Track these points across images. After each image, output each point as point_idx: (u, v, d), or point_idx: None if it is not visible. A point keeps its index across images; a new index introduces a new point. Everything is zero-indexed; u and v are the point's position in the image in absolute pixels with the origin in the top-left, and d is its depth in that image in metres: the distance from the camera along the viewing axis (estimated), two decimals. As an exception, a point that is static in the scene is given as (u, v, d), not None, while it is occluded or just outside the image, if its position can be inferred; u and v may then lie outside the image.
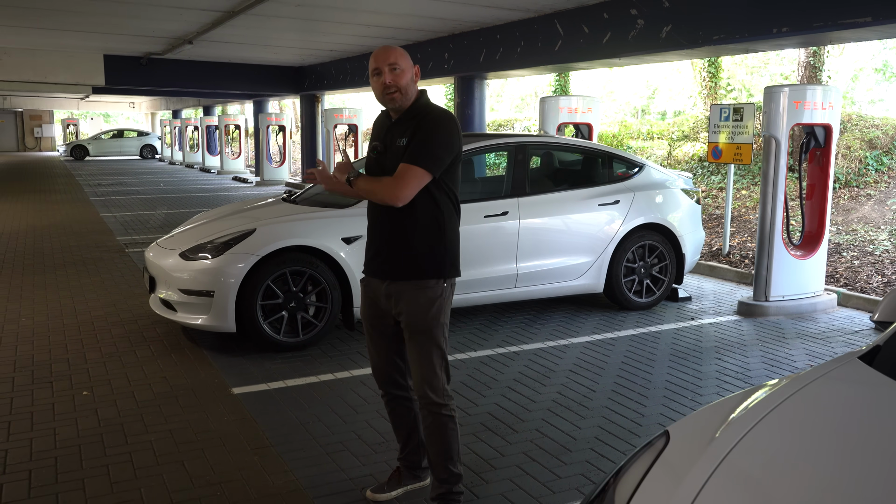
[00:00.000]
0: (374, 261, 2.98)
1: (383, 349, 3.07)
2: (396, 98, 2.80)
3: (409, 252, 2.86)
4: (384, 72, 2.78)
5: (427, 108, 2.86)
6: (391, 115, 2.92)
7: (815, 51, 11.36)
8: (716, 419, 1.81)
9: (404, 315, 2.89)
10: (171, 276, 5.27)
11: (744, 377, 4.80)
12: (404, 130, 2.83)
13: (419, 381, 2.92)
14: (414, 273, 2.87)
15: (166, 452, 3.66)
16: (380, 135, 2.96)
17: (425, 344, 2.89)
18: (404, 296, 2.88)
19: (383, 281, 2.92)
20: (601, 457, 3.64)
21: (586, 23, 8.69)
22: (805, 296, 6.48)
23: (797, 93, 6.29)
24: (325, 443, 3.78)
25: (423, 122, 2.80)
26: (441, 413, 2.92)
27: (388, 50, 2.81)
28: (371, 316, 3.04)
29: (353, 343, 5.48)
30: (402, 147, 2.81)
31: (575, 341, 5.56)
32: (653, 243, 6.44)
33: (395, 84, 2.78)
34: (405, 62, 2.81)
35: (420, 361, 2.90)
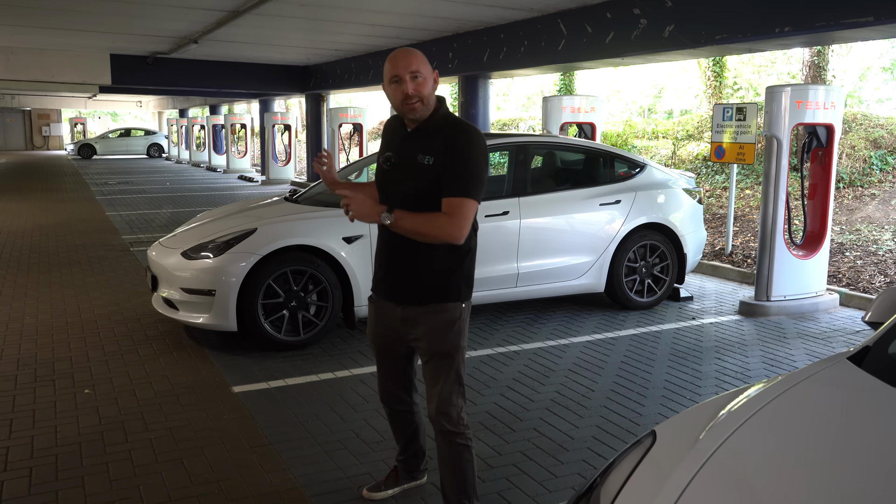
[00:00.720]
0: (386, 282, 2.78)
1: (393, 371, 2.95)
2: (418, 108, 2.57)
3: (429, 276, 2.67)
4: (405, 80, 2.54)
5: (451, 122, 2.63)
6: (406, 124, 2.69)
7: (819, 50, 11.33)
8: (702, 419, 1.82)
9: (422, 340, 2.72)
10: (173, 275, 5.30)
11: (743, 377, 4.80)
12: (427, 145, 2.59)
13: (435, 407, 2.75)
14: (433, 297, 2.68)
15: (166, 450, 3.69)
16: (393, 144, 2.73)
17: (443, 369, 2.72)
18: (422, 320, 2.70)
19: (398, 304, 2.74)
20: (598, 456, 3.65)
21: (589, 22, 8.69)
22: (807, 296, 6.47)
23: (799, 92, 6.28)
24: (324, 441, 3.80)
25: (454, 140, 2.55)
26: (456, 442, 2.75)
27: (410, 55, 2.57)
28: (381, 338, 2.89)
29: (353, 342, 5.51)
30: (426, 165, 2.57)
31: (575, 341, 5.57)
32: (654, 243, 6.44)
33: (417, 94, 2.55)
34: (427, 69, 2.59)
35: (437, 387, 2.73)
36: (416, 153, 2.61)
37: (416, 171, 2.61)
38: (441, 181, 2.56)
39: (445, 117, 2.64)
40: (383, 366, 2.96)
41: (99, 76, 15.67)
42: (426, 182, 2.59)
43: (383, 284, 2.80)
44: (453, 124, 2.62)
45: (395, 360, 2.92)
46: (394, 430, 3.13)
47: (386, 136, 2.83)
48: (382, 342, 2.89)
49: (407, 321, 2.74)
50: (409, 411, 3.05)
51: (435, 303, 2.67)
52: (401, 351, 2.87)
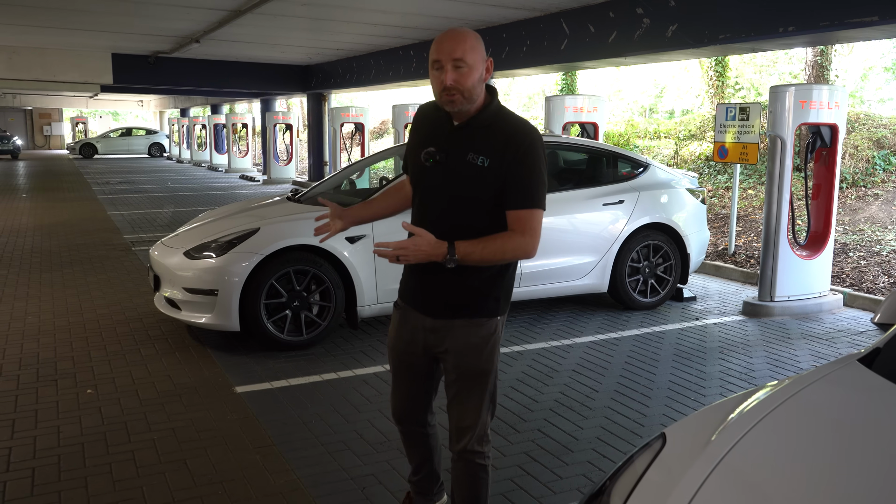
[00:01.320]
0: (416, 291, 2.49)
1: (412, 386, 2.64)
2: (457, 102, 2.24)
3: (467, 287, 2.38)
4: (446, 68, 2.21)
5: (509, 119, 2.32)
6: (452, 117, 2.35)
7: (822, 50, 11.31)
8: (713, 421, 1.80)
9: (452, 355, 2.44)
10: (176, 275, 5.28)
11: (748, 378, 4.78)
12: (480, 144, 2.29)
13: (459, 426, 2.49)
14: (469, 310, 2.40)
15: (169, 451, 3.67)
16: (435, 138, 2.38)
17: (475, 388, 2.46)
18: (453, 334, 2.41)
19: (427, 315, 2.47)
20: (602, 457, 3.64)
21: (592, 22, 8.67)
22: (810, 296, 6.45)
23: (803, 92, 6.26)
24: (327, 441, 3.78)
25: (518, 143, 2.25)
26: (475, 462, 2.52)
27: (456, 38, 2.21)
28: (404, 350, 2.58)
29: (356, 342, 5.49)
30: (479, 167, 2.27)
31: (579, 341, 5.56)
32: (657, 243, 6.42)
33: (457, 86, 2.21)
34: (475, 56, 2.22)
35: (466, 407, 2.47)
36: (465, 152, 2.30)
37: (464, 173, 2.30)
38: (500, 189, 2.28)
39: (499, 112, 2.33)
40: (401, 380, 2.65)
41: (100, 75, 15.66)
42: (476, 186, 2.30)
43: (413, 292, 2.51)
44: (512, 123, 2.32)
45: (416, 374, 2.60)
46: (407, 450, 2.82)
47: (424, 127, 2.47)
48: (404, 354, 2.59)
49: (437, 332, 2.45)
50: (425, 433, 2.74)
51: (470, 317, 2.39)
52: (423, 365, 2.57)
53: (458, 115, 2.32)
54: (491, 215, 2.33)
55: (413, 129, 2.54)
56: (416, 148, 2.43)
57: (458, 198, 2.34)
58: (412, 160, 2.47)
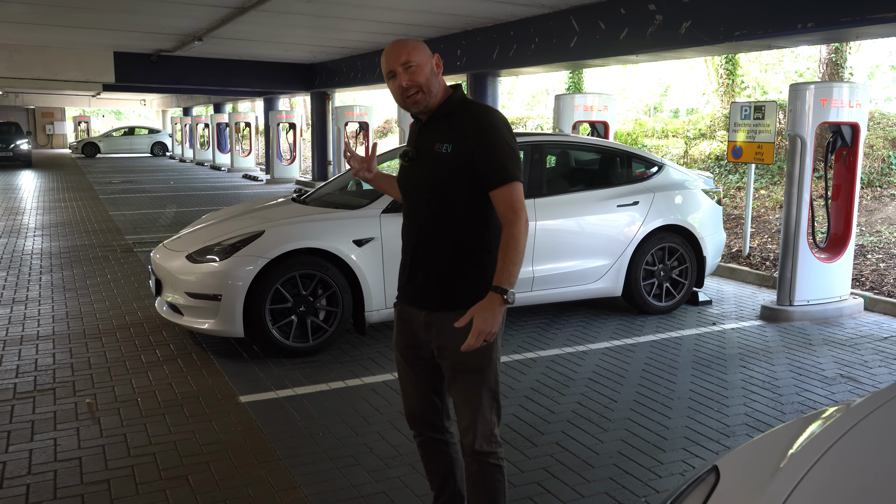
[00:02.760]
0: (410, 286, 2.50)
1: (419, 386, 2.58)
2: (420, 100, 2.37)
3: (457, 276, 2.39)
4: (398, 73, 2.36)
5: (466, 104, 2.42)
6: (421, 118, 2.49)
7: (837, 47, 11.11)
8: (771, 454, 1.63)
9: (448, 350, 2.40)
10: (178, 279, 5.12)
11: (771, 387, 4.60)
12: (444, 133, 2.38)
13: (465, 425, 2.44)
14: (462, 301, 2.36)
15: (170, 466, 3.50)
16: (411, 138, 2.54)
17: (474, 385, 2.41)
18: (448, 328, 2.36)
19: (421, 309, 2.45)
20: (625, 473, 3.46)
21: (603, 19, 8.49)
22: (831, 300, 6.27)
23: (823, 90, 6.08)
24: (336, 456, 3.61)
25: (478, 124, 2.35)
26: (488, 462, 2.46)
27: (398, 46, 2.38)
28: (405, 347, 2.56)
29: (364, 349, 5.32)
30: (444, 154, 2.36)
31: (593, 347, 5.38)
32: (673, 245, 6.25)
33: (413, 83, 2.35)
34: (420, 55, 2.37)
35: (467, 405, 2.43)
36: (432, 143, 2.40)
37: (435, 163, 2.39)
38: (467, 171, 2.35)
39: (460, 101, 2.43)
40: (408, 380, 2.60)
41: (102, 74, 15.50)
42: (447, 173, 2.37)
43: (408, 289, 2.52)
44: (469, 107, 2.41)
45: (421, 372, 2.56)
46: (427, 468, 2.70)
47: (409, 136, 2.62)
48: (406, 351, 2.56)
49: (431, 327, 2.43)
50: (442, 440, 2.63)
51: (465, 308, 2.32)
52: (427, 361, 2.52)
53: (425, 113, 2.45)
54: (469, 199, 2.38)
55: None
56: (401, 153, 2.56)
57: (433, 188, 2.41)
58: (400, 167, 2.60)
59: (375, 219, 5.26)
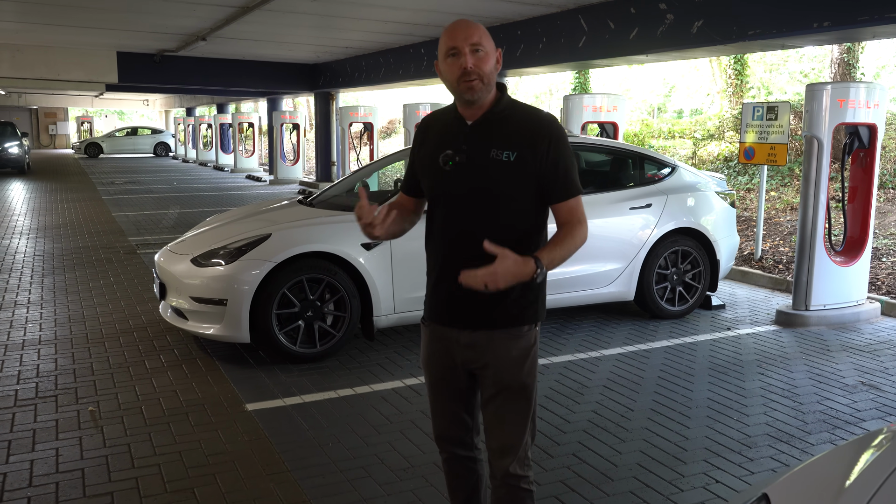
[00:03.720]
0: (446, 305, 2.28)
1: (453, 407, 2.41)
2: (476, 88, 2.13)
3: (504, 294, 2.18)
4: (464, 53, 2.11)
5: (527, 110, 2.23)
6: (463, 116, 2.23)
7: (849, 47, 10.97)
8: (824, 483, 1.52)
9: (492, 369, 2.25)
10: (183, 283, 5.01)
11: (791, 395, 4.48)
12: (503, 139, 2.17)
13: (501, 447, 2.29)
14: (508, 320, 2.22)
15: (176, 478, 3.39)
16: (450, 141, 2.23)
17: (516, 404, 2.27)
18: (492, 346, 2.23)
19: (464, 329, 2.27)
20: (646, 486, 3.35)
21: (612, 18, 8.37)
22: (847, 305, 6.14)
23: (841, 91, 5.96)
24: (346, 468, 3.50)
25: (548, 133, 2.17)
26: (520, 486, 2.31)
27: (470, 26, 2.15)
28: (440, 368, 2.37)
29: (372, 354, 5.21)
30: (505, 162, 2.15)
31: (607, 353, 5.26)
32: (686, 249, 6.13)
33: (477, 70, 2.12)
34: (489, 43, 2.16)
35: (507, 425, 2.28)
36: (487, 149, 2.17)
37: (492, 170, 2.16)
38: (532, 182, 2.17)
39: (513, 105, 2.23)
40: (440, 399, 2.42)
41: (105, 74, 15.41)
42: (504, 181, 2.16)
43: (443, 308, 2.30)
44: (532, 113, 2.22)
45: (455, 390, 2.38)
46: (451, 485, 2.54)
47: (432, 135, 2.31)
48: (440, 371, 2.37)
49: (474, 346, 2.26)
50: (471, 457, 2.48)
51: (510, 326, 2.22)
52: (462, 381, 2.36)
53: (471, 111, 2.22)
54: (522, 210, 2.22)
55: (419, 141, 2.37)
56: (428, 156, 2.29)
57: (485, 197, 2.20)
58: (426, 171, 2.31)
59: (384, 222, 5.13)
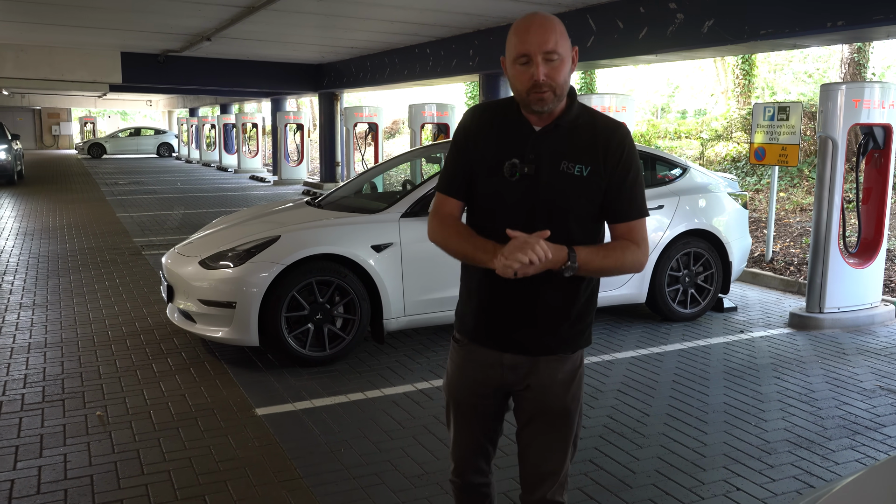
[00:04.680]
0: (495, 323, 2.09)
1: (477, 432, 2.24)
2: (548, 100, 1.93)
3: (567, 316, 2.06)
4: (537, 62, 1.89)
5: (601, 119, 2.05)
6: (529, 119, 2.01)
7: (859, 47, 10.90)
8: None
9: (536, 392, 2.10)
10: (191, 286, 4.95)
11: (809, 399, 4.41)
12: (575, 150, 1.98)
13: (538, 473, 2.15)
14: (565, 343, 2.08)
15: (186, 485, 3.33)
16: (515, 146, 2.00)
17: (561, 429, 2.12)
18: (537, 368, 2.08)
19: (506, 351, 2.10)
20: (665, 494, 3.28)
21: (621, 18, 8.30)
22: (862, 307, 6.07)
23: (855, 91, 5.88)
24: (359, 475, 3.44)
25: (621, 148, 1.99)
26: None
27: (546, 29, 1.89)
28: (471, 394, 2.19)
29: (382, 357, 5.15)
30: (577, 177, 1.96)
31: (619, 356, 5.20)
32: (698, 250, 6.06)
33: (550, 82, 1.90)
34: (566, 46, 1.92)
35: (549, 451, 2.14)
36: (558, 160, 1.98)
37: (561, 184, 1.97)
38: (601, 198, 2.00)
39: (584, 111, 2.04)
40: (466, 427, 2.25)
41: (109, 75, 15.36)
42: (576, 197, 1.98)
43: (489, 326, 2.10)
44: (604, 122, 2.04)
45: (484, 418, 2.22)
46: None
47: (491, 134, 2.05)
48: (471, 396, 2.20)
49: (517, 368, 2.10)
50: (486, 483, 2.34)
51: (563, 352, 2.08)
52: (493, 407, 2.20)
53: (539, 117, 1.99)
54: (587, 229, 2.03)
55: (472, 138, 2.07)
56: (489, 159, 2.02)
57: (549, 212, 1.98)
58: (483, 175, 2.04)
59: (394, 223, 5.08)
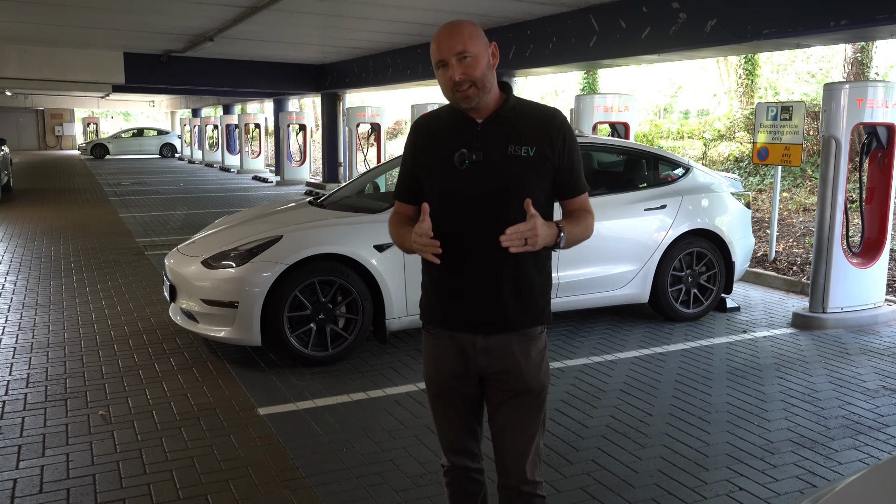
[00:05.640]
0: (461, 308, 2.19)
1: (462, 415, 2.30)
2: (472, 95, 2.09)
3: (529, 295, 2.18)
4: (451, 64, 2.07)
5: (536, 106, 2.22)
6: (471, 115, 2.17)
7: (862, 46, 10.87)
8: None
9: (510, 374, 2.19)
10: (193, 286, 4.95)
11: (812, 399, 4.40)
12: (520, 134, 2.13)
13: (515, 456, 2.23)
14: (528, 320, 2.19)
15: (189, 484, 3.33)
16: (462, 140, 2.15)
17: (533, 408, 2.22)
18: (510, 350, 2.17)
19: (477, 334, 2.19)
20: (668, 494, 3.27)
21: (623, 17, 8.29)
22: (865, 307, 6.05)
23: (859, 90, 5.87)
24: (361, 474, 3.44)
25: (560, 129, 2.16)
26: (536, 493, 2.25)
27: (454, 33, 2.08)
28: (450, 376, 2.25)
29: (384, 357, 5.15)
30: (524, 157, 2.11)
31: (622, 356, 5.19)
32: (701, 250, 6.05)
33: (467, 77, 2.07)
34: (478, 45, 2.08)
35: (524, 431, 2.22)
36: (503, 145, 2.13)
37: (508, 166, 2.12)
38: (549, 177, 2.17)
39: (521, 102, 2.23)
40: (449, 413, 2.31)
41: (112, 75, 15.38)
42: (525, 177, 2.12)
43: (456, 311, 2.20)
44: (542, 109, 2.22)
45: (467, 400, 2.28)
46: (458, 499, 2.38)
47: (437, 135, 2.22)
48: (451, 380, 2.26)
49: (491, 351, 2.19)
50: (479, 469, 2.37)
51: (527, 327, 2.19)
52: (472, 388, 2.27)
53: (477, 110, 2.17)
54: (541, 207, 2.15)
55: (417, 145, 2.26)
56: (436, 157, 2.19)
57: (503, 194, 2.13)
58: (433, 172, 2.20)
59: (397, 223, 5.07)
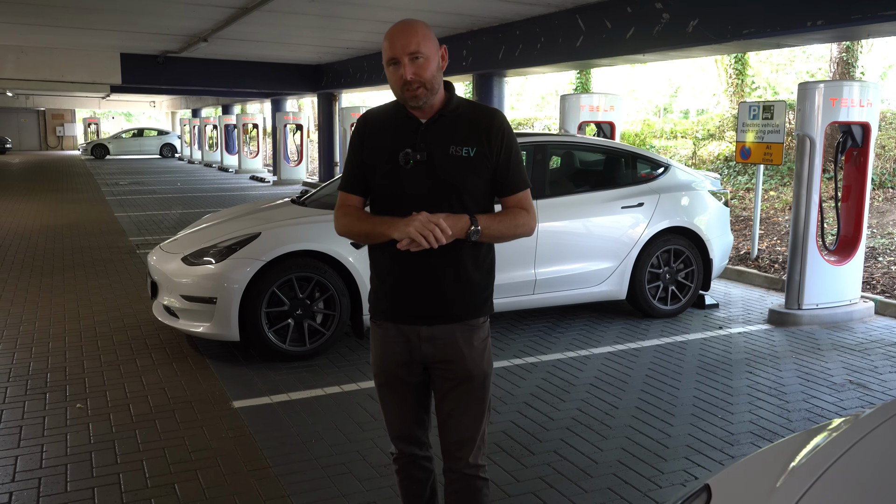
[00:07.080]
0: (405, 300, 2.27)
1: (411, 404, 2.39)
2: (420, 95, 2.16)
3: (469, 286, 2.27)
4: (403, 63, 2.13)
5: (477, 107, 2.31)
6: (415, 114, 2.24)
7: (848, 46, 10.94)
8: (765, 474, 1.52)
9: (455, 363, 2.27)
10: (173, 282, 5.05)
11: (778, 393, 4.48)
12: (461, 135, 2.21)
13: (460, 439, 2.32)
14: (469, 311, 2.28)
15: (157, 474, 3.42)
16: (406, 139, 2.21)
17: (476, 395, 2.31)
18: (454, 340, 2.27)
19: (422, 325, 2.27)
20: (624, 483, 3.35)
21: (609, 17, 8.38)
22: (840, 304, 6.13)
23: (833, 89, 5.94)
24: (327, 464, 3.52)
25: (500, 128, 2.24)
26: (478, 476, 2.36)
27: (408, 32, 2.14)
28: (396, 365, 2.33)
29: (362, 352, 5.23)
30: (465, 158, 2.19)
31: (596, 352, 5.27)
32: (678, 248, 6.12)
33: (418, 78, 2.13)
34: (430, 47, 2.15)
35: (468, 416, 2.32)
36: (445, 145, 2.20)
37: (451, 166, 2.19)
38: (489, 176, 2.24)
39: (463, 102, 2.29)
40: (399, 398, 2.39)
41: (109, 75, 15.51)
42: (466, 177, 2.21)
43: (401, 302, 2.27)
44: (482, 109, 2.30)
45: (413, 388, 2.37)
46: (409, 486, 2.49)
47: (382, 132, 2.27)
48: (398, 370, 2.34)
49: (434, 340, 2.27)
50: (428, 457, 2.48)
51: (470, 318, 2.28)
52: (418, 377, 2.35)
53: (422, 110, 2.23)
54: (481, 205, 2.27)
55: (361, 140, 2.31)
56: (380, 154, 2.25)
57: (446, 193, 2.21)
58: (378, 169, 2.25)
59: (374, 220, 5.16)
